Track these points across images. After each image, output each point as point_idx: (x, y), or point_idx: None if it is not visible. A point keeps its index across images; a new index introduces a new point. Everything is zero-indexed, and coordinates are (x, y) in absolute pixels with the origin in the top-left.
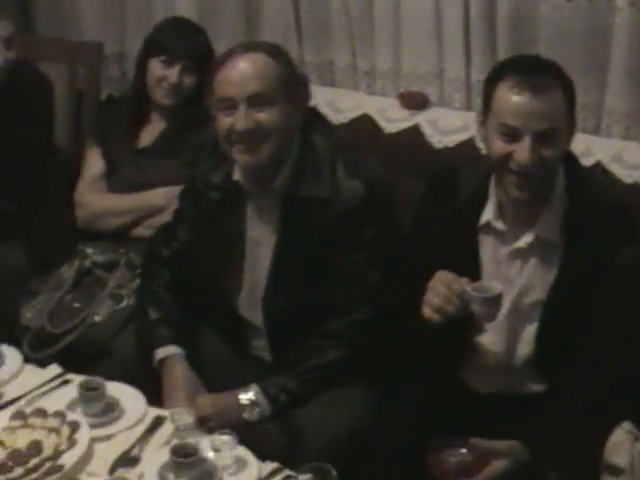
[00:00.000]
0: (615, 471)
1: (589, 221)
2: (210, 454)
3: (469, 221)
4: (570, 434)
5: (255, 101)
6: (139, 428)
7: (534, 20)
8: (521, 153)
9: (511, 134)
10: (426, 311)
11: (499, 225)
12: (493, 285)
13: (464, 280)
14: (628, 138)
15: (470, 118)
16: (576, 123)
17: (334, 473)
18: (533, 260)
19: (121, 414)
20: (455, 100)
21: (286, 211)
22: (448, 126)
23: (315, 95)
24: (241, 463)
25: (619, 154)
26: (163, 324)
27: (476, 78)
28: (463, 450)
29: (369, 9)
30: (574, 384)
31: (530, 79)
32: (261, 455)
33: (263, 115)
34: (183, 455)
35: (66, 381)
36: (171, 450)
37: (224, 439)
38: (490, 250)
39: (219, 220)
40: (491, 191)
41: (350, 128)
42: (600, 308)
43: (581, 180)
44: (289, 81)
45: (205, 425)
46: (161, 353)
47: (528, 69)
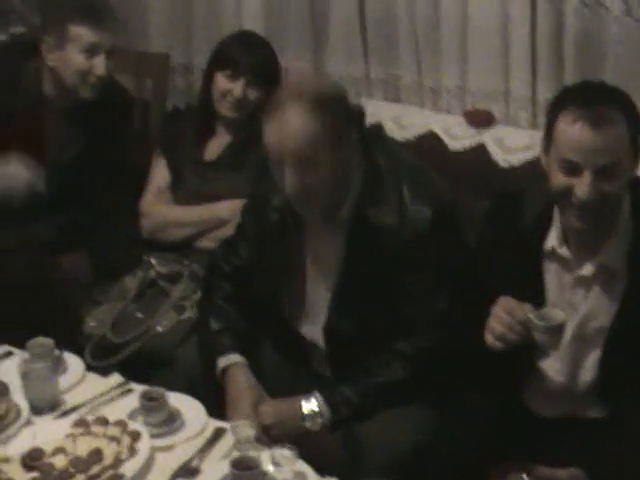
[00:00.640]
0: None
1: None
2: (270, 468)
3: (533, 246)
4: (633, 461)
5: (300, 162)
6: (199, 439)
7: (602, 39)
8: (581, 187)
9: (571, 168)
10: (488, 338)
11: (563, 252)
12: (556, 313)
13: (527, 307)
14: None
15: (536, 137)
16: None
17: None
18: (597, 287)
19: (182, 425)
20: (521, 118)
21: (351, 237)
22: (513, 145)
23: (380, 111)
24: (301, 478)
25: None
26: (225, 334)
27: (542, 97)
28: (524, 476)
29: (436, 25)
30: (637, 410)
31: (592, 112)
32: (321, 470)
33: (307, 176)
34: (243, 468)
35: (128, 390)
36: (231, 463)
37: (284, 453)
38: (554, 276)
39: (280, 241)
40: (555, 217)
41: (415, 145)
42: None
43: None
44: (335, 130)
45: (267, 433)
46: (223, 362)
47: (590, 100)
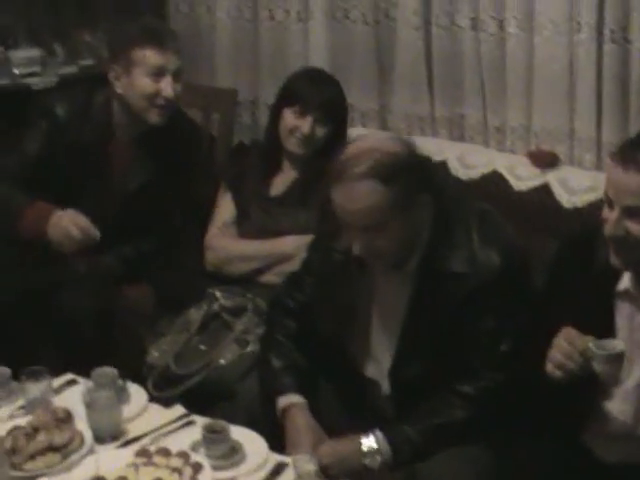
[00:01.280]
0: None
1: None
2: None
3: (606, 287)
4: None
5: (367, 231)
6: (260, 473)
7: None
8: (609, 222)
9: (609, 202)
10: (548, 366)
11: (636, 293)
12: (616, 343)
13: (588, 337)
14: None
15: (600, 179)
16: None
17: None
18: None
19: (243, 458)
20: (585, 160)
21: (419, 284)
22: (578, 186)
23: (445, 149)
24: None
25: None
26: (286, 373)
27: (607, 139)
28: None
29: (502, 65)
30: None
31: (629, 153)
32: None
33: (377, 240)
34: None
35: (190, 422)
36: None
37: None
38: (626, 316)
39: (344, 282)
40: None
41: (480, 184)
42: None
43: None
44: (405, 199)
45: (326, 473)
46: (283, 402)
47: (631, 143)
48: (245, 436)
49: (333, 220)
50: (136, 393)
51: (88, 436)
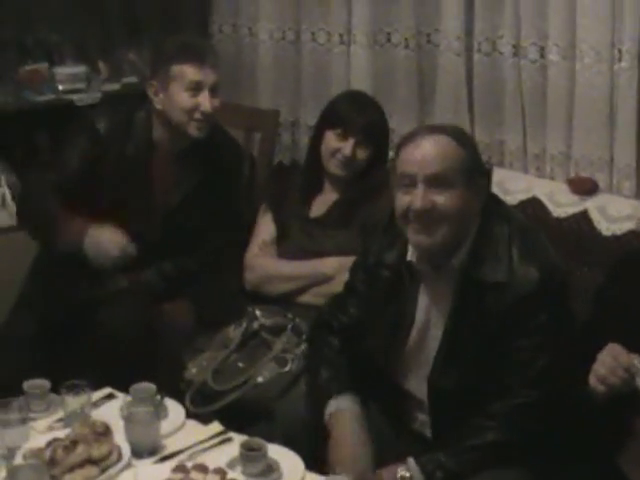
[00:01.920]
0: None
1: None
2: None
3: None
4: None
5: (434, 182)
6: None
7: None
8: None
9: None
10: (591, 379)
11: None
12: None
13: (634, 355)
14: None
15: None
16: None
17: None
18: None
19: (279, 477)
20: (625, 188)
21: (460, 294)
22: (617, 213)
23: None
24: None
25: None
26: (335, 381)
27: None
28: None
29: (542, 92)
30: None
31: None
32: None
33: (441, 197)
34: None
35: (227, 439)
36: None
37: None
38: None
39: (390, 298)
40: None
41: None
42: None
43: None
44: (470, 168)
45: None
46: (333, 405)
47: None
48: (282, 455)
49: (381, 237)
50: (174, 409)
51: (126, 450)
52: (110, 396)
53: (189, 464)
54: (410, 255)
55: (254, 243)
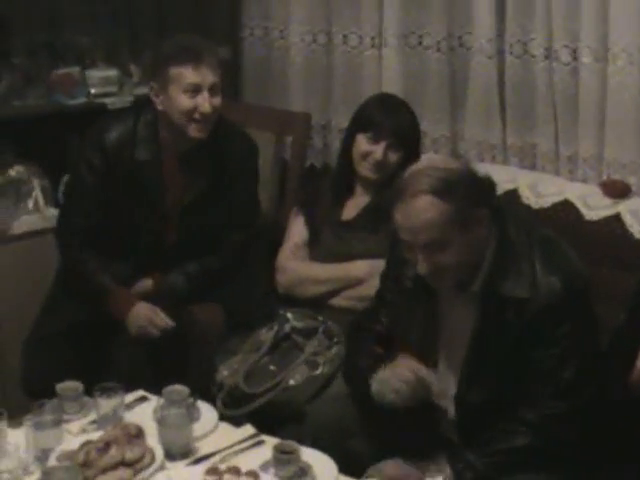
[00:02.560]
0: None
1: None
2: None
3: None
4: None
5: (431, 247)
6: None
7: None
8: None
9: None
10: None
11: None
12: None
13: None
14: None
15: None
16: None
17: None
18: None
19: None
20: None
21: (483, 309)
22: None
23: (516, 178)
24: None
25: None
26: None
27: None
28: None
29: (574, 95)
30: None
31: None
32: None
33: (442, 256)
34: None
35: (260, 442)
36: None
37: None
38: None
39: (413, 308)
40: None
41: (550, 213)
42: None
43: None
44: (463, 214)
45: None
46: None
47: None
48: (315, 458)
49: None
50: (207, 411)
51: (159, 453)
52: (143, 398)
53: (222, 466)
54: None
55: (286, 246)
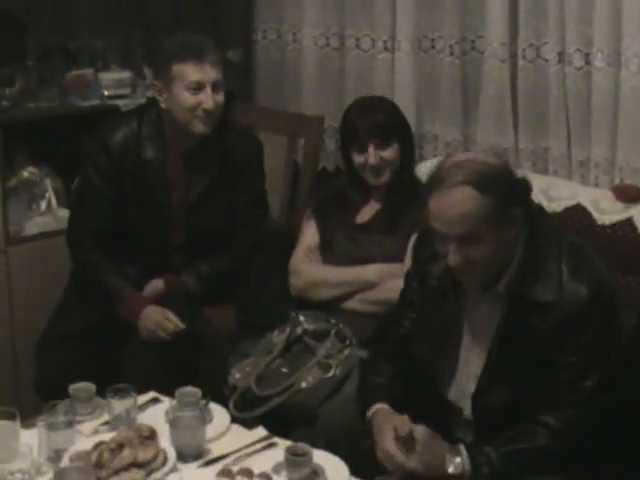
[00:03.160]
0: None
1: None
2: None
3: None
4: None
5: (465, 240)
6: None
7: None
8: None
9: None
10: None
11: None
12: None
13: None
14: None
15: None
16: None
17: None
18: None
19: None
20: None
21: (508, 310)
22: None
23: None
24: None
25: None
26: (380, 388)
27: None
28: None
29: (587, 99)
30: None
31: None
32: None
33: (474, 251)
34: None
35: (272, 444)
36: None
37: None
38: None
39: (437, 308)
40: None
41: (563, 217)
42: None
43: None
44: (500, 210)
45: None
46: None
47: None
48: (327, 460)
49: (429, 245)
50: (219, 413)
51: (171, 454)
52: (155, 400)
53: (234, 468)
54: None
55: (299, 249)
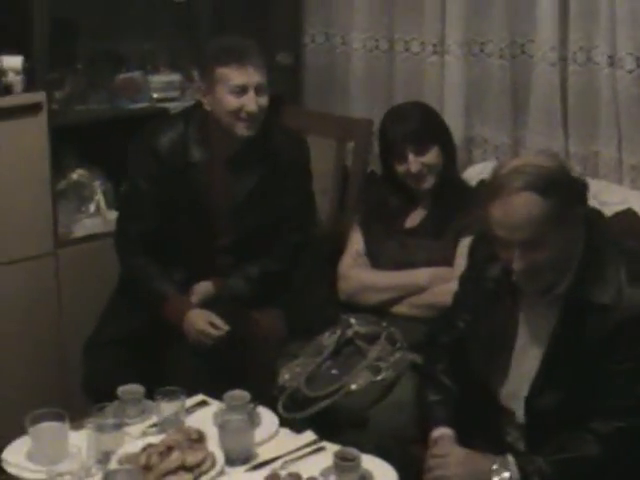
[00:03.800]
0: None
1: None
2: None
3: None
4: None
5: (529, 245)
6: None
7: None
8: None
9: None
10: None
11: None
12: None
13: None
14: None
15: None
16: None
17: None
18: None
19: None
20: None
21: (564, 313)
22: None
23: None
24: None
25: None
26: (440, 406)
27: None
28: None
29: (638, 102)
30: None
31: None
32: None
33: (538, 255)
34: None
35: (320, 448)
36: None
37: None
38: None
39: (493, 310)
40: None
41: (613, 222)
42: None
43: None
44: (562, 212)
45: None
46: (436, 434)
47: None
48: (376, 465)
49: (485, 248)
50: (267, 417)
51: (219, 458)
52: (203, 403)
53: (282, 473)
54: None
55: (348, 253)
